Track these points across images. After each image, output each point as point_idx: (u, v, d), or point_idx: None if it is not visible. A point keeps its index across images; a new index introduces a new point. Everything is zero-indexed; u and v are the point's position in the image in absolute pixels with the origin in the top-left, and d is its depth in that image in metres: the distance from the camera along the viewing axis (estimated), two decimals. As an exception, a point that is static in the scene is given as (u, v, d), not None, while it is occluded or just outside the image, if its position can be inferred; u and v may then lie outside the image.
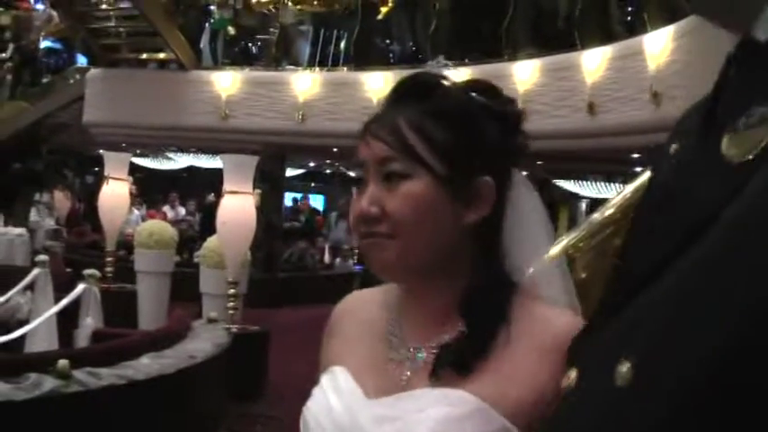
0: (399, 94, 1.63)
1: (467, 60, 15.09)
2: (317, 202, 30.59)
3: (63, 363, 5.76)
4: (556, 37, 13.95)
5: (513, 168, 1.62)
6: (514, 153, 1.63)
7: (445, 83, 1.62)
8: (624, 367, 0.87)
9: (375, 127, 1.60)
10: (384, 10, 17.02)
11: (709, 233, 0.86)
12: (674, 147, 1.10)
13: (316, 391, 1.64)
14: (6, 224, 16.88)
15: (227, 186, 11.11)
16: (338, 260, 23.06)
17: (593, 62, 12.55)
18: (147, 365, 6.52)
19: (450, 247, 1.57)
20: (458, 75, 1.67)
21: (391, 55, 17.16)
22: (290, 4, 17.72)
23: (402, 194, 1.54)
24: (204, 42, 17.95)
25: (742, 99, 0.92)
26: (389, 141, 1.56)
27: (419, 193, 1.53)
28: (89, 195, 22.71)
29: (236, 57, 18.05)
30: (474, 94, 1.61)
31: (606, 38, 13.00)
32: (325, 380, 1.64)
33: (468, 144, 1.56)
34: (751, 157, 0.87)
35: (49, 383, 5.58)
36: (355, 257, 22.24)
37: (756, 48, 0.96)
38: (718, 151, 0.91)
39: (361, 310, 1.76)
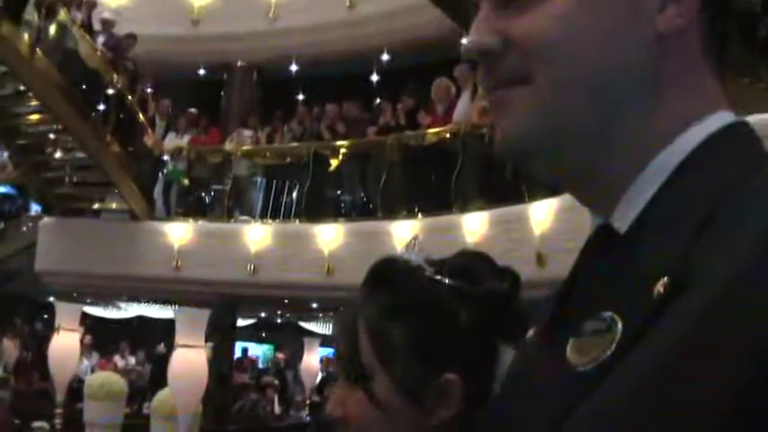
0: (366, 285, 1.54)
1: (417, 211, 15.31)
2: (266, 351, 30.48)
3: None
4: (504, 189, 14.17)
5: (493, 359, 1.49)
6: (494, 337, 1.49)
7: (413, 273, 1.52)
8: None
9: (338, 325, 1.58)
10: (335, 162, 17.26)
11: None
12: (531, 331, 1.08)
13: None
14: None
15: (179, 339, 11.13)
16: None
17: (542, 213, 12.75)
18: None
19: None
20: (408, 227, 1.66)
21: (343, 206, 17.34)
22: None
23: (357, 400, 1.49)
24: (158, 193, 18.06)
25: (592, 297, 0.91)
26: (346, 346, 1.52)
27: (371, 399, 1.48)
28: (38, 343, 22.52)
29: (190, 207, 18.15)
30: (445, 279, 1.51)
31: (554, 190, 13.24)
32: None
33: (430, 340, 1.47)
34: (591, 367, 0.85)
35: None
36: (307, 409, 22.06)
37: (613, 239, 0.94)
38: (563, 354, 0.89)
39: None
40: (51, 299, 18.21)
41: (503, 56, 0.96)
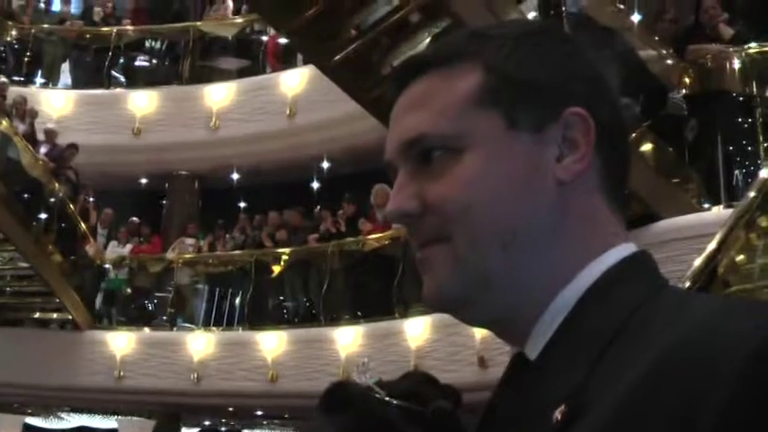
0: (321, 409, 1.58)
1: (359, 316, 15.40)
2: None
3: None
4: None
5: None
6: None
7: (363, 397, 1.56)
8: None
9: None
10: (277, 269, 17.33)
11: None
12: None
13: None
14: None
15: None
16: None
17: (484, 319, 12.86)
18: None
19: None
20: (351, 333, 1.69)
21: (285, 312, 17.36)
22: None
23: None
24: (100, 302, 17.99)
25: (507, 420, 1.00)
26: None
27: None
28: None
29: (132, 316, 18.08)
30: (396, 400, 1.54)
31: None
32: None
33: None
34: None
35: None
36: None
37: (525, 366, 1.04)
38: None
39: None
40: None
41: (422, 218, 1.08)
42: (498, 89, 1.07)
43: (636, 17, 10.92)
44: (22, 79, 20.57)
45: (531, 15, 9.84)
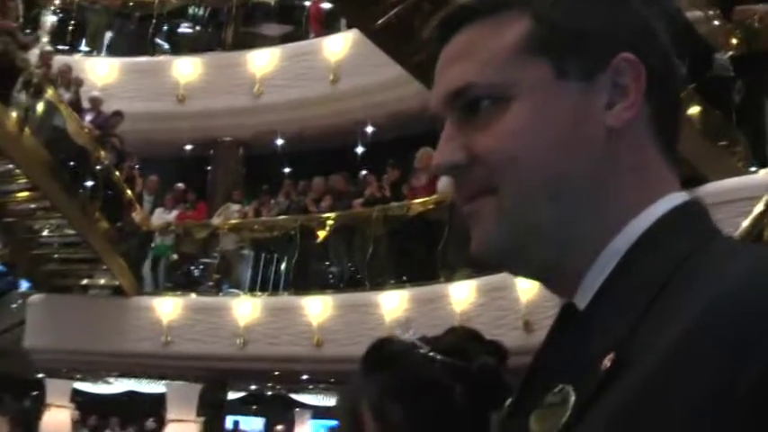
0: (365, 365, 1.64)
1: (404, 281, 15.39)
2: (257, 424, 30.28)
3: None
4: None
5: None
6: (486, 409, 1.49)
7: (409, 352, 1.61)
8: None
9: (340, 404, 1.65)
10: (322, 234, 17.35)
11: None
12: (509, 400, 1.12)
13: None
14: (-60, 453, 16.57)
15: (170, 414, 11.16)
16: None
17: (528, 282, 12.79)
18: None
19: None
20: (395, 298, 1.69)
21: (330, 277, 17.38)
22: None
23: None
24: (146, 268, 18.10)
25: (554, 372, 0.98)
26: (349, 425, 1.59)
27: None
28: (27, 421, 22.37)
29: (179, 281, 18.18)
30: (440, 355, 1.59)
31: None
32: None
33: (429, 416, 1.54)
34: None
35: None
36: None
37: (573, 316, 1.03)
38: (526, 425, 0.96)
39: None
40: (41, 376, 18.15)
41: (469, 170, 1.06)
42: (546, 38, 1.05)
43: (682, -23, 10.77)
44: (66, 48, 20.67)
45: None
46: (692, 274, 0.92)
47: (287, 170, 20.98)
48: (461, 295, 13.95)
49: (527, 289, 12.80)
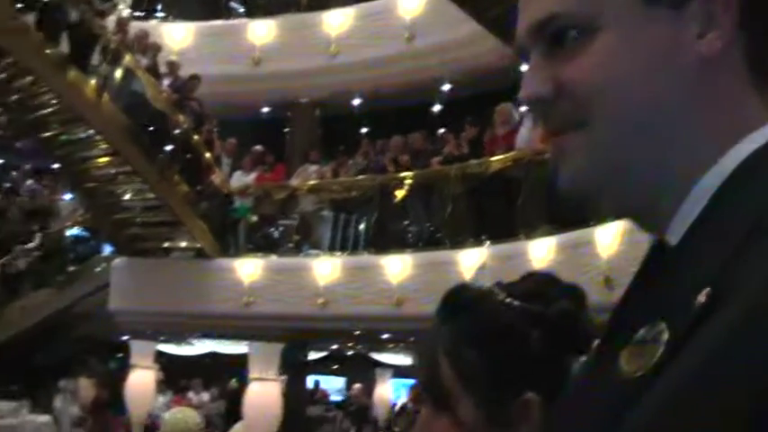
0: (441, 313, 1.62)
1: (483, 239, 15.32)
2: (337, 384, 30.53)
3: None
4: (569, 214, 14.12)
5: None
6: (566, 354, 1.56)
7: (485, 298, 1.60)
8: None
9: (418, 354, 1.64)
10: (400, 194, 17.33)
11: None
12: (595, 342, 1.11)
13: None
14: (32, 412, 16.91)
15: (252, 373, 11.26)
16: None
17: (608, 237, 12.70)
18: None
19: None
20: (475, 256, 1.68)
21: (409, 236, 17.36)
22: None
23: (442, 425, 1.54)
24: (226, 230, 18.23)
25: (645, 308, 0.94)
26: (426, 374, 1.58)
27: (454, 423, 1.53)
28: (113, 382, 22.72)
29: (258, 243, 18.29)
30: (517, 301, 1.58)
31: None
32: None
33: (507, 362, 1.53)
34: (639, 375, 0.88)
35: None
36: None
37: (665, 252, 0.99)
38: (616, 363, 0.93)
39: None
40: (125, 338, 18.42)
41: (556, 103, 1.02)
42: None
43: None
44: (142, 14, 20.83)
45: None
46: None
47: (364, 130, 21.00)
48: (541, 252, 13.85)
49: (608, 245, 12.68)
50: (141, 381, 13.65)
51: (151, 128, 16.73)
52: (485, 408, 1.51)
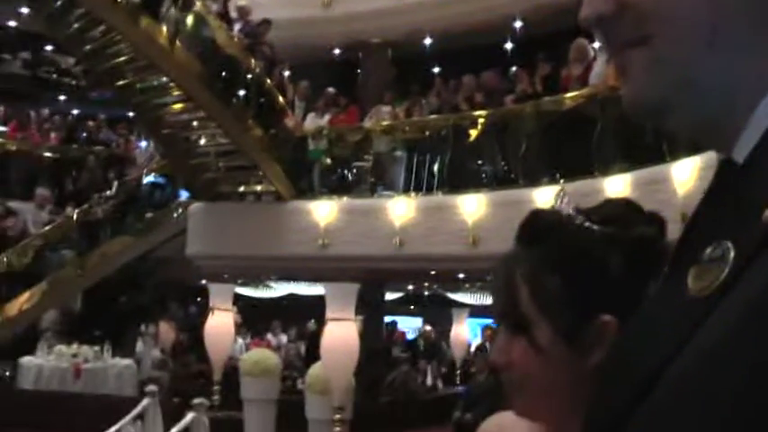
0: (521, 238, 1.63)
1: (558, 177, 15.23)
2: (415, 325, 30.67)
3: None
4: (645, 150, 13.98)
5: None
6: (645, 278, 1.50)
7: (566, 223, 1.60)
8: None
9: (495, 277, 1.62)
10: (474, 133, 17.27)
11: (662, 379, 0.86)
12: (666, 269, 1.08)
13: None
14: (114, 355, 17.26)
15: (329, 314, 11.35)
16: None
17: (684, 173, 12.57)
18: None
19: (572, 392, 1.50)
20: (550, 194, 1.66)
21: (484, 176, 17.31)
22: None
23: (522, 347, 1.55)
24: (301, 173, 18.30)
25: (713, 226, 0.94)
26: (504, 297, 1.58)
27: (533, 347, 1.54)
28: (193, 326, 23.11)
29: (333, 185, 18.35)
30: (596, 225, 1.58)
31: (696, 149, 13.02)
32: None
33: (585, 286, 1.52)
34: (706, 293, 0.87)
35: None
36: (459, 379, 22.18)
37: (732, 171, 0.97)
38: (685, 282, 0.91)
39: None
40: (203, 282, 18.66)
41: (618, 20, 1.00)
42: None
43: None
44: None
45: None
46: None
47: (436, 69, 20.89)
48: (616, 189, 13.74)
49: (684, 181, 12.54)
50: (220, 323, 13.82)
51: (224, 73, 16.79)
52: (562, 331, 1.52)
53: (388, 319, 25.41)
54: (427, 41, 20.72)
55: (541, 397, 1.53)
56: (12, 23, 27.05)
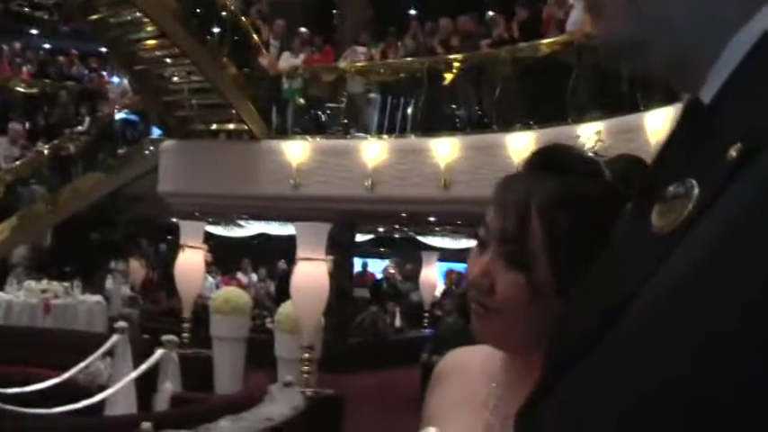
0: (538, 164, 1.59)
1: (532, 124, 15.25)
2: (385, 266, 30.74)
3: (146, 425, 5.97)
4: (619, 98, 14.00)
5: None
6: None
7: (587, 164, 1.56)
8: None
9: (506, 198, 1.55)
10: (449, 77, 17.24)
11: (627, 312, 0.86)
12: (629, 205, 1.09)
13: None
14: (84, 292, 17.23)
15: (300, 253, 11.35)
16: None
17: (658, 123, 12.60)
18: (226, 428, 6.70)
19: (550, 328, 1.42)
20: (523, 139, 1.61)
21: (457, 120, 17.30)
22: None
23: (513, 279, 1.50)
24: (275, 112, 18.23)
25: (678, 166, 0.93)
26: (514, 224, 1.51)
27: (528, 283, 1.50)
28: (163, 263, 23.10)
29: (306, 126, 18.31)
30: (618, 181, 1.52)
31: (669, 98, 13.04)
32: None
33: (592, 237, 1.39)
34: (670, 229, 0.87)
35: (134, 445, 5.79)
36: (426, 321, 22.28)
37: (699, 111, 0.97)
38: (649, 219, 0.92)
39: (463, 372, 1.73)
40: (174, 219, 18.63)
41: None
42: None
43: None
44: None
45: None
46: None
47: (413, 12, 20.79)
48: (589, 136, 13.75)
49: (657, 131, 12.57)
50: (190, 261, 13.80)
51: (199, 10, 16.66)
52: (561, 274, 1.46)
53: (359, 261, 25.51)
54: (404, -17, 20.62)
55: (516, 329, 1.52)
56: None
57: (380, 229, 26.71)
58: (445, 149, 15.85)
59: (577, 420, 0.90)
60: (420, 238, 26.65)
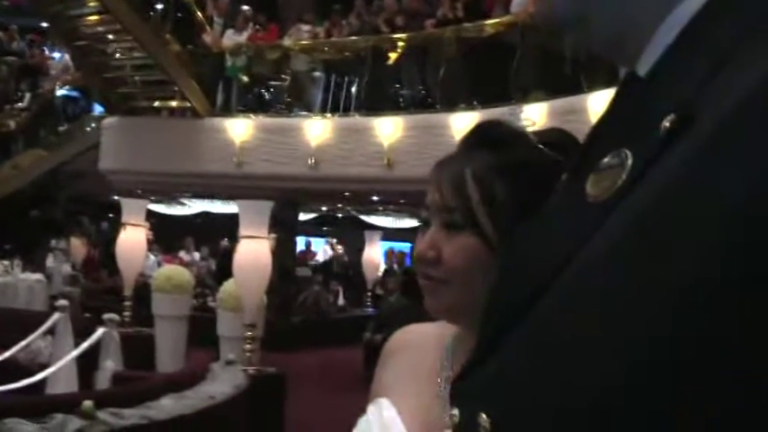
0: (471, 142, 1.64)
1: (476, 104, 15.30)
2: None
3: (87, 404, 5.92)
4: (563, 80, 14.08)
5: None
6: None
7: (519, 136, 1.62)
8: (485, 422, 0.92)
9: (442, 173, 1.60)
10: (393, 56, 17.24)
11: (556, 280, 0.87)
12: (564, 176, 1.09)
13: (360, 420, 1.67)
14: (24, 270, 17.08)
15: (243, 231, 11.31)
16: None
17: (601, 104, 12.67)
18: (168, 406, 6.67)
19: None
20: (467, 119, 1.66)
21: (401, 100, 17.32)
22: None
23: (458, 244, 1.55)
24: (218, 90, 18.14)
25: (613, 137, 0.93)
26: (451, 192, 1.57)
27: (473, 248, 1.54)
28: (105, 241, 22.94)
29: (250, 104, 18.24)
30: (545, 148, 1.59)
31: (612, 80, 13.11)
32: (370, 410, 1.68)
33: (529, 200, 1.42)
34: (605, 197, 0.88)
35: (74, 424, 5.74)
36: (369, 300, 22.32)
37: (635, 84, 0.96)
38: (583, 190, 0.92)
39: (415, 346, 1.76)
40: (116, 197, 18.51)
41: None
42: None
43: None
44: None
45: None
46: (764, 40, 0.81)
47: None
48: (535, 116, 13.83)
49: (600, 112, 12.64)
50: (132, 239, 13.69)
51: (142, -15, 16.53)
52: (503, 231, 1.51)
53: (302, 239, 25.49)
54: (350, -39, 20.56)
55: (465, 298, 1.53)
56: None
57: (324, 208, 26.70)
58: (389, 129, 15.87)
59: (505, 391, 0.90)
60: (363, 217, 26.68)
